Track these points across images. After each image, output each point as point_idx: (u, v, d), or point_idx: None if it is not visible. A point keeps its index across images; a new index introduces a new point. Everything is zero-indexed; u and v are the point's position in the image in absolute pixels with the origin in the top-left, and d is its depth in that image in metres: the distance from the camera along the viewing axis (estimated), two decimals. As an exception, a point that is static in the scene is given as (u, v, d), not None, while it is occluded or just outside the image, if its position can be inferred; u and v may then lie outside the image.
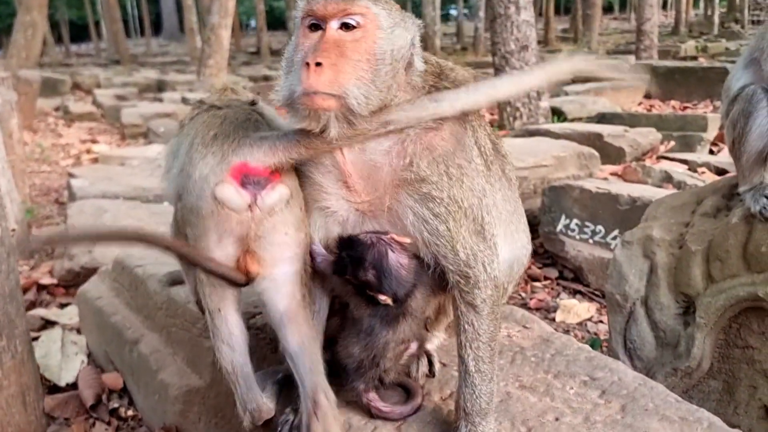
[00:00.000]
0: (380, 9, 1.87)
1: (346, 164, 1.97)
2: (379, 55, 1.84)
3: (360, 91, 1.80)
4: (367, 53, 1.83)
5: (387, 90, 1.85)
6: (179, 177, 2.01)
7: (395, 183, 1.94)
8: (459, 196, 1.93)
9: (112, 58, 30.37)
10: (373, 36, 1.84)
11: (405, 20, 1.94)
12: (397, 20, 1.91)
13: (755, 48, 2.70)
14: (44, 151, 9.98)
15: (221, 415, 2.97)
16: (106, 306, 3.78)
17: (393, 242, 1.98)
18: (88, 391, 3.52)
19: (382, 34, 1.85)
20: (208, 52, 15.10)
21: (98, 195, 5.72)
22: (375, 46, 1.84)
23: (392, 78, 1.87)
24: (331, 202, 2.03)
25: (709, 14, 32.39)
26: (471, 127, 2.07)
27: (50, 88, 15.31)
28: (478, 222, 1.99)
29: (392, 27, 1.88)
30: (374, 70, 1.82)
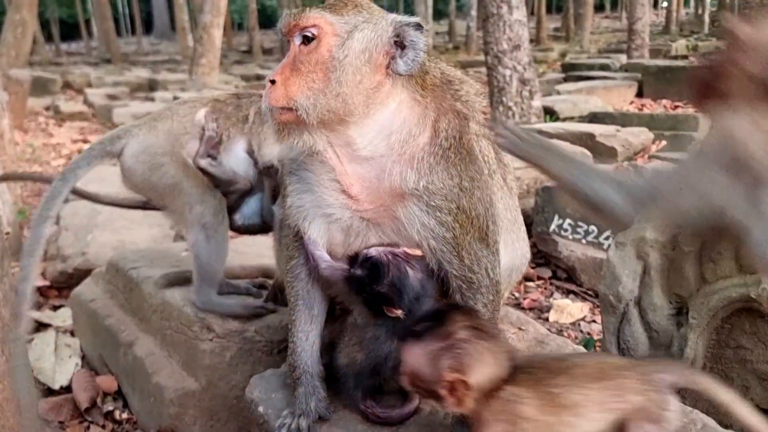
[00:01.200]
0: (335, 16, 1.88)
1: (346, 175, 1.98)
2: (330, 62, 1.86)
3: (308, 101, 1.85)
4: (320, 62, 1.86)
5: (348, 96, 1.86)
6: None
7: (401, 193, 1.95)
8: (468, 206, 1.96)
9: (103, 56, 30.17)
10: (327, 44, 1.87)
11: (373, 21, 1.91)
12: (360, 23, 1.89)
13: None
14: (35, 151, 9.91)
15: (217, 418, 2.98)
16: (101, 308, 3.77)
17: (408, 257, 1.98)
18: (82, 394, 3.50)
19: (337, 41, 1.87)
20: (200, 51, 15.04)
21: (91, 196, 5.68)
22: (328, 54, 1.86)
23: (357, 83, 1.86)
24: (335, 210, 2.04)
25: (700, 13, 32.57)
26: (476, 137, 2.09)
27: (41, 87, 15.18)
28: (483, 230, 2.01)
29: (351, 31, 1.87)
30: (326, 78, 1.85)
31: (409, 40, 1.90)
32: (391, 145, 1.95)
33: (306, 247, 2.12)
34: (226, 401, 2.93)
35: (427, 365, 1.59)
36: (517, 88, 9.84)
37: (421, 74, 1.98)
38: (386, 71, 1.91)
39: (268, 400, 2.23)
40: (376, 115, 1.93)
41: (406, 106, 1.96)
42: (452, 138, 1.98)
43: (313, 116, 1.87)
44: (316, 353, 2.24)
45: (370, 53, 1.87)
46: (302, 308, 2.23)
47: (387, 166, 1.95)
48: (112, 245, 4.81)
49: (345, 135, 1.94)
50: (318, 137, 1.94)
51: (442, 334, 1.61)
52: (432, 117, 1.99)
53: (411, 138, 1.95)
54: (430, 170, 1.93)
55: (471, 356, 1.57)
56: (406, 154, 1.95)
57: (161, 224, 5.21)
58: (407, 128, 1.95)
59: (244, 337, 2.87)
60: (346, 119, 1.91)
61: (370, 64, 1.88)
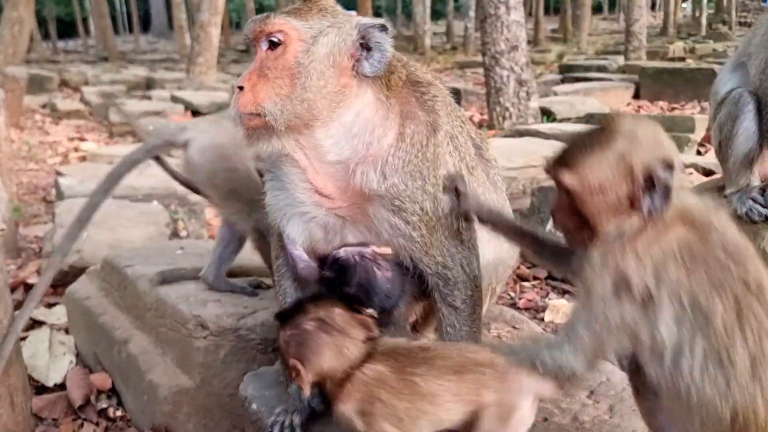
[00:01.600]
0: (299, 21, 1.89)
1: (318, 176, 2.00)
2: (296, 68, 1.88)
3: (276, 107, 1.87)
4: (286, 68, 1.88)
5: (312, 101, 1.88)
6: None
7: (367, 194, 1.96)
8: (432, 208, 1.97)
9: (100, 55, 30.08)
10: (293, 50, 1.88)
11: (338, 25, 1.92)
12: (324, 27, 1.90)
13: (743, 52, 2.73)
14: (31, 149, 9.89)
15: (210, 416, 2.97)
16: (95, 306, 3.76)
17: (376, 257, 2.00)
18: (76, 392, 3.49)
19: (302, 47, 1.88)
20: (198, 49, 15.03)
21: (87, 194, 5.57)
22: (293, 59, 1.88)
23: (321, 87, 1.88)
24: (309, 208, 2.07)
25: (697, 15, 32.63)
26: (449, 135, 2.09)
27: (37, 85, 15.14)
28: (453, 227, 2.01)
29: (316, 36, 1.89)
30: (292, 84, 1.87)
31: (374, 42, 1.91)
32: (355, 147, 1.96)
33: (285, 246, 2.12)
34: (220, 399, 2.92)
35: (283, 348, 1.78)
36: (514, 88, 9.86)
37: (387, 74, 1.99)
38: (351, 73, 1.92)
39: (261, 398, 2.23)
40: (341, 117, 1.95)
41: (370, 106, 1.97)
42: (418, 144, 1.98)
43: (280, 122, 1.89)
44: (309, 350, 2.24)
45: (334, 57, 1.89)
46: None
47: (351, 167, 1.97)
48: (107, 243, 4.79)
49: (312, 138, 1.96)
50: (286, 141, 1.96)
51: (294, 323, 1.75)
52: (397, 120, 1.99)
53: (375, 140, 1.96)
54: (395, 172, 1.94)
55: (310, 347, 1.71)
56: (370, 156, 1.96)
57: (157, 222, 5.21)
58: (370, 129, 1.96)
59: (238, 335, 2.87)
60: (312, 123, 1.93)
61: (335, 67, 1.90)
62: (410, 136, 1.98)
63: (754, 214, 2.60)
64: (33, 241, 6.03)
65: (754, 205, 2.60)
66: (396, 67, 2.03)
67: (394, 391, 1.65)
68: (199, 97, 12.92)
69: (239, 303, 3.03)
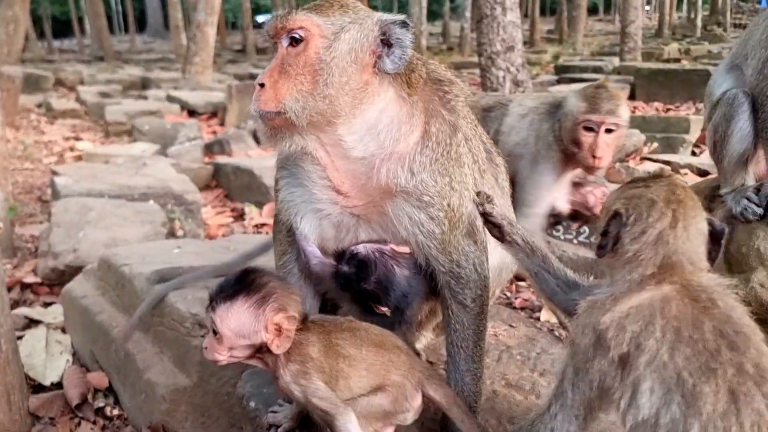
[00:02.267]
0: (321, 18, 1.89)
1: (337, 173, 2.00)
2: (318, 64, 1.87)
3: (298, 104, 1.86)
4: (307, 65, 1.87)
5: (334, 97, 1.87)
6: None
7: (391, 190, 1.96)
8: (457, 204, 1.98)
9: (96, 54, 29.99)
10: (315, 46, 1.87)
11: (359, 21, 1.91)
12: (346, 24, 1.89)
13: (737, 54, 2.75)
14: (27, 148, 9.86)
15: (208, 414, 2.97)
16: (92, 305, 3.76)
17: (396, 255, 2.00)
18: (73, 391, 3.49)
19: (324, 43, 1.87)
20: (194, 49, 15.02)
21: (83, 193, 5.67)
22: (315, 56, 1.87)
23: (344, 84, 1.87)
24: (325, 205, 2.06)
25: (692, 17, 32.76)
26: (465, 137, 2.11)
27: (32, 84, 15.09)
28: (471, 227, 2.03)
29: (337, 32, 1.88)
30: (314, 80, 1.86)
31: (395, 38, 1.90)
32: (382, 143, 1.96)
33: (298, 242, 2.13)
34: (218, 397, 2.93)
35: (248, 318, 1.82)
36: (510, 89, 9.88)
37: (407, 72, 1.99)
38: (373, 70, 1.91)
39: (259, 395, 2.24)
40: (364, 114, 1.94)
41: (393, 104, 1.97)
42: (443, 142, 1.99)
43: (302, 118, 1.88)
44: (308, 348, 2.25)
45: (356, 53, 1.88)
46: None
47: (377, 164, 1.96)
48: (103, 242, 4.79)
49: (334, 135, 1.95)
50: (308, 139, 1.95)
51: (254, 288, 1.83)
52: (421, 118, 2.00)
53: (402, 137, 1.96)
54: (423, 169, 1.95)
55: (285, 297, 1.86)
56: (396, 153, 1.96)
57: (153, 221, 5.21)
58: (396, 126, 1.96)
59: (236, 334, 2.87)
60: (334, 120, 1.91)
61: (357, 64, 1.89)
62: (435, 135, 1.99)
63: (749, 213, 2.62)
64: (29, 241, 6.02)
65: (749, 205, 2.62)
66: (416, 66, 2.03)
67: (322, 351, 1.85)
68: (195, 96, 12.91)
69: (237, 302, 3.03)
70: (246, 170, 7.12)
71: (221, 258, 3.66)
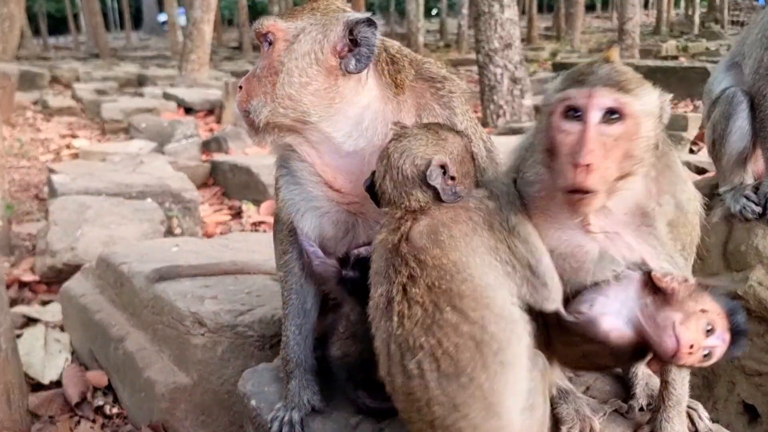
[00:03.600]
0: (286, 22, 1.96)
1: (326, 169, 2.02)
2: (278, 66, 1.94)
3: (261, 105, 1.95)
4: (271, 67, 1.95)
5: (296, 97, 1.92)
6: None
7: None
8: None
9: (92, 51, 29.86)
10: (278, 49, 1.95)
11: (324, 23, 1.94)
12: (308, 26, 1.94)
13: (736, 52, 2.76)
14: (23, 146, 9.82)
15: (208, 413, 2.98)
16: (91, 303, 3.76)
17: None
18: (72, 389, 3.50)
19: (285, 46, 1.94)
20: (190, 46, 14.96)
21: (80, 191, 5.65)
22: (277, 58, 1.94)
23: (305, 84, 1.92)
24: (322, 202, 2.08)
25: (690, 14, 32.77)
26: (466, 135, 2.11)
27: (28, 81, 15.03)
28: None
29: (297, 35, 1.94)
30: (274, 82, 1.93)
31: (361, 37, 1.92)
32: (370, 139, 1.98)
33: (300, 242, 2.13)
34: (218, 396, 2.93)
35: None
36: (508, 86, 9.88)
37: (394, 73, 2.01)
38: (341, 71, 1.93)
39: (260, 394, 2.24)
40: (345, 111, 1.97)
41: (378, 102, 2.00)
42: None
43: (263, 119, 1.95)
44: (309, 346, 2.25)
45: (315, 54, 1.92)
46: (295, 302, 2.24)
47: (367, 158, 1.98)
48: (101, 240, 4.79)
49: (320, 132, 1.99)
50: (290, 136, 2.01)
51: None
52: (412, 112, 2.02)
53: (390, 132, 1.96)
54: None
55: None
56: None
57: (151, 219, 5.20)
58: (382, 123, 1.98)
59: (235, 332, 2.87)
60: (306, 118, 1.96)
61: (318, 65, 1.93)
62: None
63: (748, 212, 2.62)
64: (26, 239, 6.00)
65: (748, 203, 2.63)
66: (403, 67, 2.04)
67: None
68: (191, 94, 12.88)
69: (237, 300, 3.03)
70: (243, 168, 7.11)
71: (219, 256, 3.67)
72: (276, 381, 2.27)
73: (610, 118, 1.48)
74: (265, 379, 2.30)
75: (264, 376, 2.32)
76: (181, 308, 3.00)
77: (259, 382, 2.29)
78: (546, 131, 1.54)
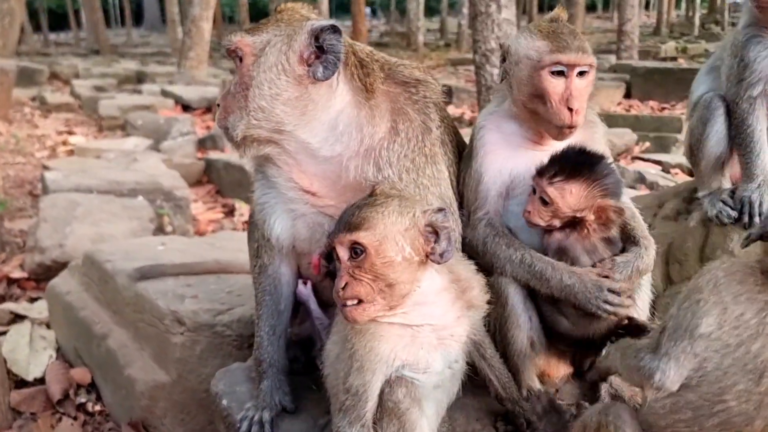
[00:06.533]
0: (252, 36, 1.97)
1: (303, 175, 2.05)
2: (249, 80, 1.95)
3: (234, 120, 1.97)
4: (242, 82, 1.97)
5: (268, 109, 1.93)
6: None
7: (360, 186, 1.99)
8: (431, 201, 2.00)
9: (92, 47, 29.87)
10: (247, 64, 1.97)
11: (289, 33, 1.95)
12: (273, 38, 1.95)
13: (717, 57, 2.76)
14: (19, 142, 9.83)
15: (186, 411, 2.99)
16: (76, 301, 3.77)
17: None
18: (55, 386, 3.51)
19: (253, 60, 1.96)
20: (189, 44, 14.97)
21: (72, 188, 5.66)
22: (247, 73, 1.96)
23: (276, 96, 1.93)
24: (297, 205, 2.11)
25: (690, 15, 32.73)
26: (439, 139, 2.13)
27: (27, 77, 15.04)
28: None
29: (263, 48, 1.95)
30: (246, 95, 1.95)
31: (327, 45, 1.92)
32: (347, 144, 1.99)
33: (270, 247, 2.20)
34: (196, 394, 2.94)
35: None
36: (504, 87, 9.88)
37: (363, 76, 2.01)
38: (310, 78, 1.94)
39: (232, 394, 2.25)
40: (320, 118, 1.98)
41: (351, 107, 2.00)
42: (414, 139, 2.01)
43: (239, 133, 1.97)
44: (282, 347, 2.27)
45: (282, 65, 1.93)
46: (269, 303, 2.26)
47: (344, 162, 2.00)
48: (90, 237, 4.80)
49: (297, 140, 2.00)
50: (267, 147, 2.02)
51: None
52: (387, 117, 2.02)
53: (366, 136, 1.99)
54: (389, 165, 1.97)
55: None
56: (362, 150, 1.99)
57: (140, 217, 5.22)
58: (356, 128, 2.00)
59: (214, 331, 2.89)
60: (281, 128, 1.97)
61: (286, 75, 1.93)
62: (405, 132, 2.02)
63: (724, 216, 2.62)
64: (17, 235, 6.01)
65: (724, 207, 2.63)
66: (372, 70, 2.04)
67: None
68: (189, 91, 12.89)
69: (217, 299, 3.05)
70: (237, 166, 7.12)
71: (205, 255, 3.68)
72: (248, 381, 2.29)
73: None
74: (237, 378, 2.32)
75: (236, 376, 2.33)
76: (161, 307, 3.02)
77: (231, 381, 2.31)
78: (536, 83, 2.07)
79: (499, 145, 2.16)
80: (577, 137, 2.14)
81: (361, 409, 1.68)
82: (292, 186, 2.08)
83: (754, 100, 2.46)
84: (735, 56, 2.50)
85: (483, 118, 2.24)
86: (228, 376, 2.34)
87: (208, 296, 3.06)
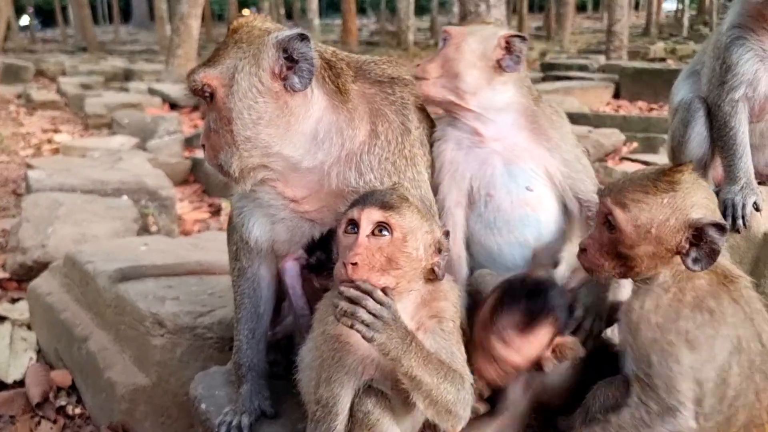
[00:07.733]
0: (216, 68, 1.89)
1: (287, 186, 2.03)
2: (228, 113, 1.88)
3: (226, 158, 1.92)
4: (222, 117, 1.90)
5: (254, 137, 1.88)
6: None
7: (342, 192, 1.98)
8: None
9: (79, 45, 29.63)
10: (220, 98, 1.90)
11: (253, 52, 1.88)
12: (238, 63, 1.88)
13: (697, 60, 2.76)
14: (3, 140, 9.73)
15: (167, 414, 2.96)
16: (57, 302, 3.73)
17: None
18: (35, 389, 3.46)
19: (226, 91, 1.89)
20: (177, 41, 14.86)
21: (55, 187, 5.59)
22: (223, 106, 1.89)
23: (258, 120, 1.87)
24: (277, 210, 2.10)
25: (680, 16, 32.91)
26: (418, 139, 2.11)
27: (12, 74, 14.93)
28: None
29: (233, 75, 1.87)
30: (231, 129, 1.88)
31: (298, 54, 1.87)
32: (328, 151, 1.97)
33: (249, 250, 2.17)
34: (177, 398, 2.91)
35: None
36: (492, 86, 9.88)
37: (334, 78, 1.98)
38: (287, 91, 1.89)
39: (210, 397, 2.23)
40: (302, 129, 1.94)
41: (329, 112, 1.98)
42: (394, 141, 2.00)
43: (235, 168, 1.93)
44: (262, 351, 2.25)
45: (257, 87, 1.87)
46: (248, 306, 2.24)
47: (326, 170, 1.98)
48: (72, 238, 4.74)
49: (281, 157, 1.97)
50: (261, 172, 1.99)
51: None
52: (365, 119, 2.00)
53: (347, 140, 1.97)
54: (370, 170, 1.96)
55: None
56: (344, 156, 1.97)
57: (124, 217, 5.16)
58: (337, 133, 1.97)
59: (195, 334, 2.86)
60: (269, 150, 1.93)
61: (264, 95, 1.88)
62: (384, 134, 1.99)
63: (706, 218, 2.63)
64: (0, 235, 5.94)
65: (706, 210, 2.63)
66: (341, 69, 2.01)
67: None
68: (176, 90, 12.75)
69: (198, 301, 3.02)
70: (223, 166, 7.06)
71: (187, 256, 3.65)
72: (227, 384, 2.26)
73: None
74: (216, 382, 2.29)
75: (216, 379, 2.31)
76: (141, 309, 2.98)
77: (210, 385, 2.28)
78: None
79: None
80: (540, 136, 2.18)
81: (332, 422, 1.67)
82: (274, 194, 2.07)
83: (736, 102, 2.46)
84: (717, 58, 2.49)
85: None
86: (207, 379, 2.31)
87: (190, 298, 3.03)
